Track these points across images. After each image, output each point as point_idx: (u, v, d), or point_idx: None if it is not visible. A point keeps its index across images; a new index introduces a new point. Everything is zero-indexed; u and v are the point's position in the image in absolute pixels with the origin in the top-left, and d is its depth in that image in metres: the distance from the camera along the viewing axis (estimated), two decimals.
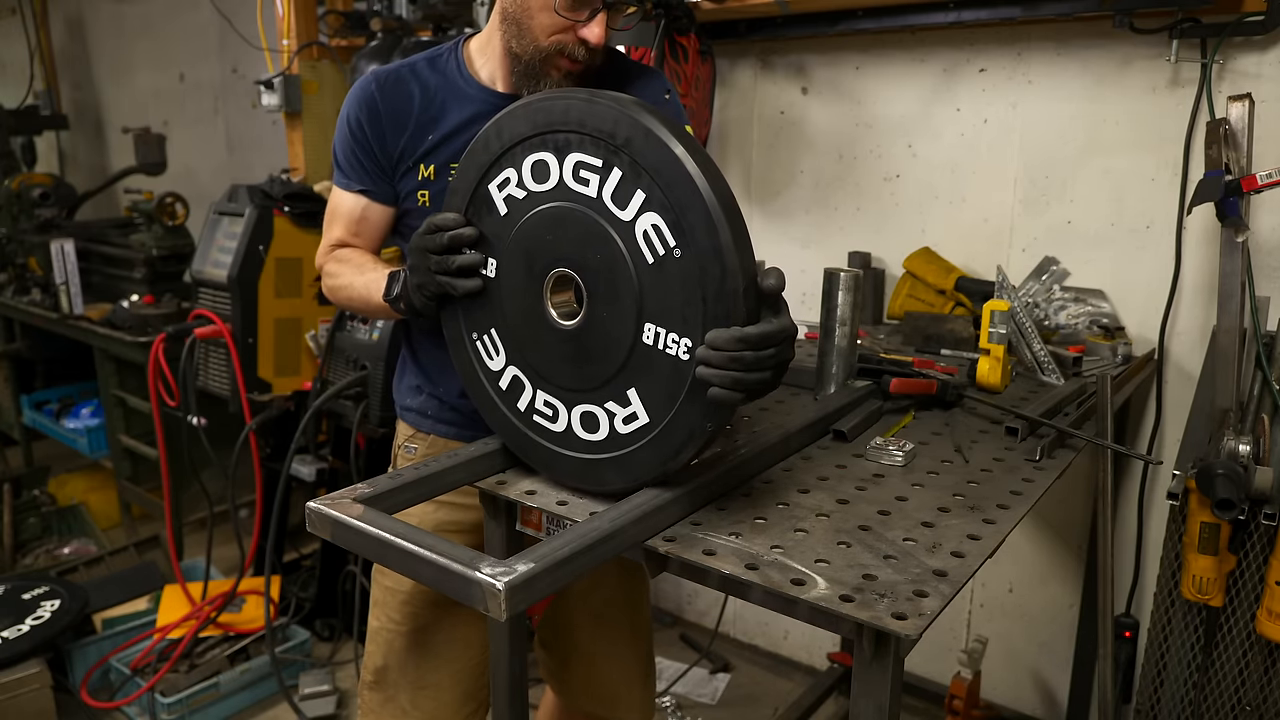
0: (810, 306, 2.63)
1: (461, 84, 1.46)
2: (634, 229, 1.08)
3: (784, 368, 1.08)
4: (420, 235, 1.26)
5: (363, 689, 1.66)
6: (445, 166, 1.45)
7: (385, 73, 1.46)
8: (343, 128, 1.48)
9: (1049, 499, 1.42)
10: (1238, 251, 1.60)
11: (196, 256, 2.95)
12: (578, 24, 1.33)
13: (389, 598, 1.61)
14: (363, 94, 1.45)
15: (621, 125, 1.07)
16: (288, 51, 3.06)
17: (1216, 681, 1.55)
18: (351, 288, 1.46)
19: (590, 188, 1.12)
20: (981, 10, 2.17)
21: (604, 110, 1.08)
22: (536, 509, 1.24)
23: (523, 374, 1.26)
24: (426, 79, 1.46)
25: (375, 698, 1.63)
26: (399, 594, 1.59)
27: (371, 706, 1.63)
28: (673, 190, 1.04)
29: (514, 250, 1.22)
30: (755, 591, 1.02)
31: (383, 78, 1.45)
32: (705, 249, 1.02)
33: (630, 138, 1.06)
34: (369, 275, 1.43)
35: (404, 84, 1.45)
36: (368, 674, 1.64)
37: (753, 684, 2.88)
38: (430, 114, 1.45)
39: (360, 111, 1.45)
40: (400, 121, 1.44)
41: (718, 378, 1.02)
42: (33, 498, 3.84)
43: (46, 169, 4.78)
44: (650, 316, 1.10)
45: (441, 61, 1.48)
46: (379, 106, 1.44)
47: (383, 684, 1.62)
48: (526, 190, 1.19)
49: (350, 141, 1.47)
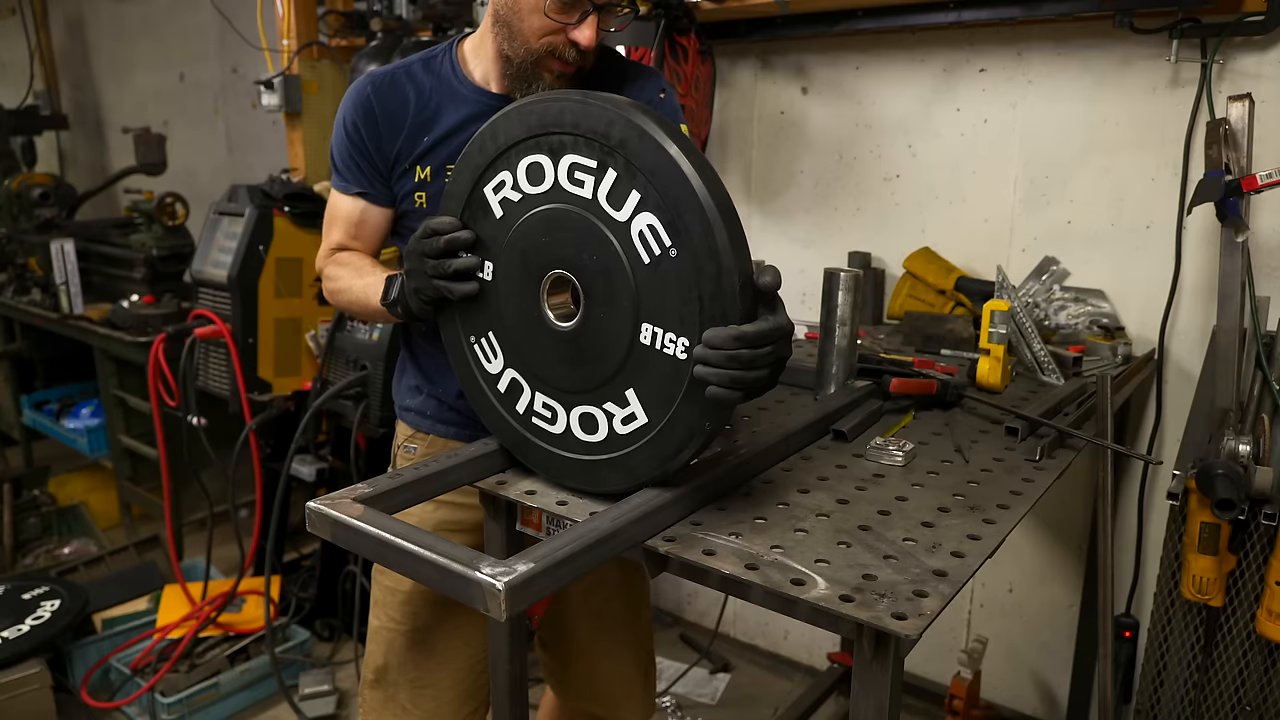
0: (810, 306, 2.64)
1: (456, 85, 1.46)
2: (630, 229, 1.08)
3: (781, 365, 1.08)
4: (416, 239, 1.26)
5: (363, 688, 1.66)
6: (442, 168, 1.45)
7: (380, 75, 1.46)
8: (339, 131, 1.48)
9: (1049, 499, 1.42)
10: (1238, 251, 1.60)
11: (196, 256, 2.95)
12: (568, 26, 1.33)
13: (389, 597, 1.61)
14: (358, 97, 1.45)
15: (616, 126, 1.07)
16: (288, 51, 3.06)
17: (1216, 681, 1.55)
18: (350, 291, 1.46)
19: (585, 189, 1.12)
20: (981, 10, 2.17)
21: (598, 111, 1.08)
22: (536, 509, 1.24)
23: (521, 376, 1.26)
24: (421, 81, 1.46)
25: (376, 696, 1.63)
26: (399, 594, 1.59)
27: (372, 705, 1.64)
28: (668, 190, 1.04)
29: (510, 253, 1.22)
30: (755, 591, 1.02)
31: (378, 80, 1.45)
32: (701, 248, 1.02)
33: (625, 139, 1.06)
34: (367, 279, 1.43)
35: (399, 86, 1.45)
36: (368, 673, 1.64)
37: (753, 684, 2.88)
38: (425, 116, 1.45)
39: (356, 114, 1.45)
40: (396, 124, 1.45)
41: (716, 376, 1.02)
42: (33, 498, 3.84)
43: (46, 169, 4.78)
44: (647, 316, 1.10)
45: (436, 63, 1.48)
46: (374, 109, 1.44)
47: (383, 683, 1.62)
48: (522, 193, 1.19)
49: (347, 144, 1.47)
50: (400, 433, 1.68)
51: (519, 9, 1.34)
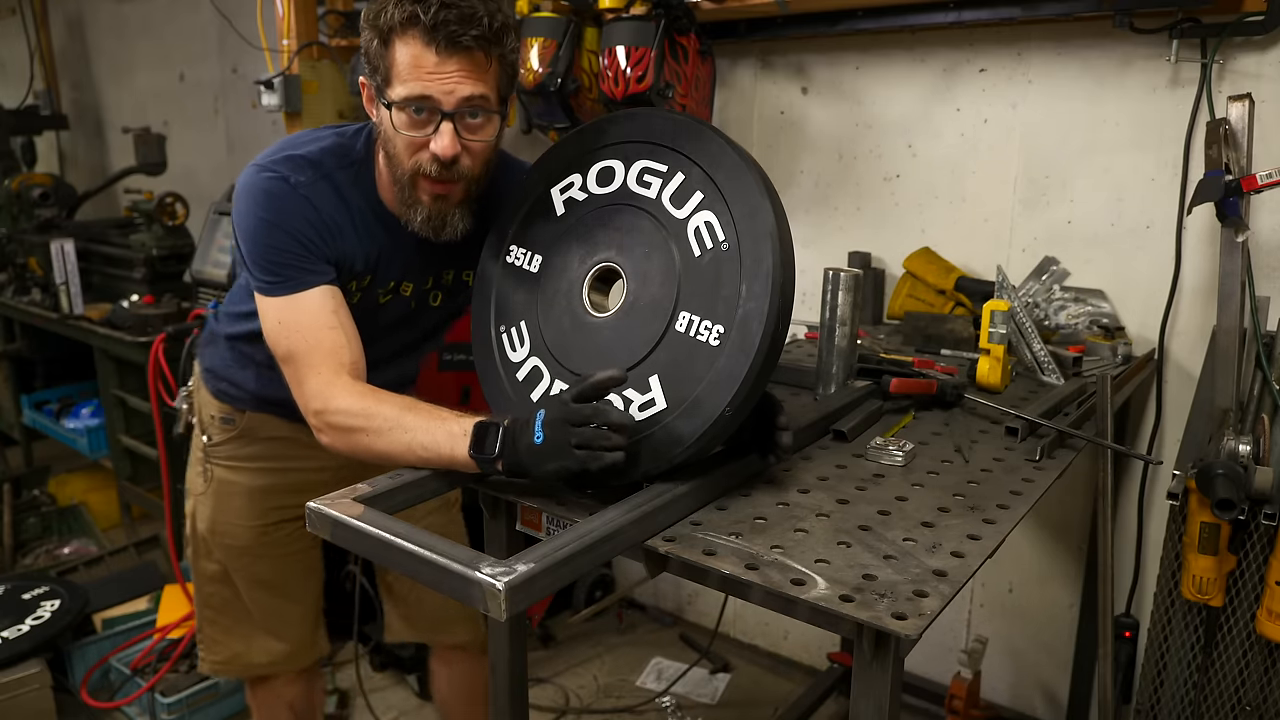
0: (810, 306, 2.63)
1: (377, 210, 1.46)
2: (686, 226, 1.20)
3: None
4: (569, 424, 1.10)
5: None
6: (368, 285, 1.50)
7: (307, 185, 1.39)
8: (275, 229, 1.35)
9: (1049, 499, 1.42)
10: (1238, 251, 1.60)
11: (196, 256, 2.95)
12: (429, 139, 1.30)
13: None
14: (291, 196, 1.37)
15: (682, 137, 1.24)
16: (288, 51, 3.05)
17: (1216, 681, 1.55)
18: (410, 432, 1.22)
19: (651, 190, 1.24)
20: (981, 10, 2.17)
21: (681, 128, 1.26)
22: (536, 509, 1.24)
23: (543, 364, 1.30)
24: (348, 196, 1.43)
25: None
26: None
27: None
28: (728, 187, 1.18)
29: (562, 246, 1.32)
30: (755, 591, 1.03)
31: (305, 189, 1.38)
32: (759, 239, 1.14)
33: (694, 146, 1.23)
34: (431, 422, 1.21)
35: (328, 199, 1.41)
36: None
37: (753, 684, 2.88)
38: (354, 235, 1.44)
39: (299, 211, 1.37)
40: (333, 233, 1.41)
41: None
42: (33, 498, 3.84)
43: (46, 169, 4.77)
44: (686, 305, 1.18)
45: (364, 176, 1.45)
46: (319, 212, 1.39)
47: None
48: (589, 193, 1.30)
49: (291, 240, 1.35)
50: (210, 405, 1.75)
51: (388, 134, 1.34)
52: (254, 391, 1.69)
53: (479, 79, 1.28)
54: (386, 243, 1.48)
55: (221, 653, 1.90)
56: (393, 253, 1.49)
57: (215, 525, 1.78)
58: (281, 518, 1.80)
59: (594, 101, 2.37)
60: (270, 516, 1.78)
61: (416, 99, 1.27)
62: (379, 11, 1.26)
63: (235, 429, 1.73)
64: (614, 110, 2.19)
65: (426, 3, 1.23)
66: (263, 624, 1.88)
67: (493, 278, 1.40)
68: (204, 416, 1.78)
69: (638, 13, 2.19)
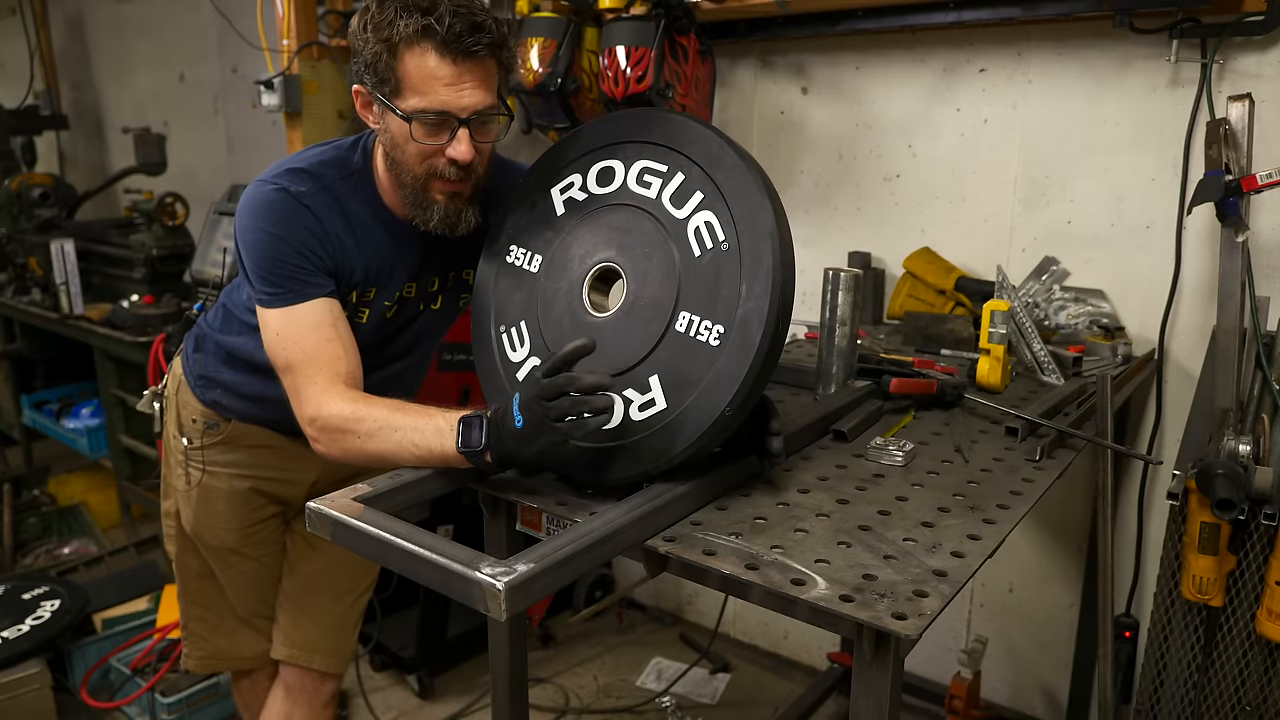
0: (810, 306, 2.63)
1: (380, 216, 1.48)
2: (686, 226, 1.20)
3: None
4: (543, 400, 1.10)
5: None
6: (372, 297, 1.51)
7: (309, 195, 1.40)
8: (278, 240, 1.36)
9: (1049, 499, 1.42)
10: (1238, 251, 1.60)
11: (196, 256, 2.95)
12: (444, 146, 1.33)
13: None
14: (293, 207, 1.38)
15: (682, 137, 1.25)
16: (288, 51, 3.05)
17: (1216, 681, 1.55)
18: (400, 431, 1.23)
19: (651, 190, 1.24)
20: (981, 10, 2.17)
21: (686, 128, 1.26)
22: (536, 509, 1.24)
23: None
24: (347, 207, 1.44)
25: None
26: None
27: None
28: (728, 187, 1.18)
29: (562, 246, 1.32)
30: (755, 591, 1.03)
31: (308, 199, 1.40)
32: (759, 239, 1.14)
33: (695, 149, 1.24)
34: (420, 420, 1.23)
35: (329, 209, 1.42)
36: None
37: (753, 684, 2.88)
38: (354, 245, 1.45)
39: (301, 221, 1.38)
40: (335, 242, 1.42)
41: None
42: (33, 498, 3.84)
43: (46, 169, 4.77)
44: (686, 305, 1.18)
45: (364, 183, 1.47)
46: (320, 221, 1.40)
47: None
48: (589, 193, 1.31)
49: (293, 249, 1.37)
50: (193, 409, 1.73)
51: (397, 142, 1.35)
52: (247, 403, 1.68)
53: (490, 85, 1.32)
54: (390, 246, 1.49)
55: (206, 648, 1.91)
56: (397, 256, 1.50)
57: (197, 526, 1.78)
58: (264, 517, 1.79)
59: (594, 101, 2.37)
60: (252, 518, 1.78)
61: (435, 112, 1.29)
62: (386, 23, 1.26)
63: (219, 434, 1.72)
64: (614, 110, 2.19)
65: (437, 14, 1.24)
66: (247, 620, 1.88)
67: (493, 278, 1.40)
68: (184, 419, 1.76)
69: (638, 13, 2.20)
